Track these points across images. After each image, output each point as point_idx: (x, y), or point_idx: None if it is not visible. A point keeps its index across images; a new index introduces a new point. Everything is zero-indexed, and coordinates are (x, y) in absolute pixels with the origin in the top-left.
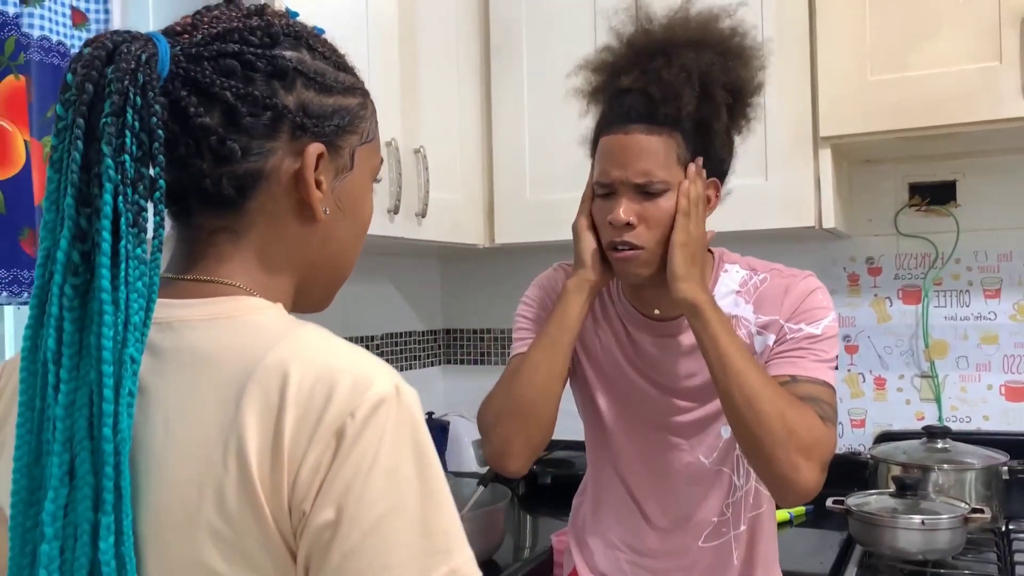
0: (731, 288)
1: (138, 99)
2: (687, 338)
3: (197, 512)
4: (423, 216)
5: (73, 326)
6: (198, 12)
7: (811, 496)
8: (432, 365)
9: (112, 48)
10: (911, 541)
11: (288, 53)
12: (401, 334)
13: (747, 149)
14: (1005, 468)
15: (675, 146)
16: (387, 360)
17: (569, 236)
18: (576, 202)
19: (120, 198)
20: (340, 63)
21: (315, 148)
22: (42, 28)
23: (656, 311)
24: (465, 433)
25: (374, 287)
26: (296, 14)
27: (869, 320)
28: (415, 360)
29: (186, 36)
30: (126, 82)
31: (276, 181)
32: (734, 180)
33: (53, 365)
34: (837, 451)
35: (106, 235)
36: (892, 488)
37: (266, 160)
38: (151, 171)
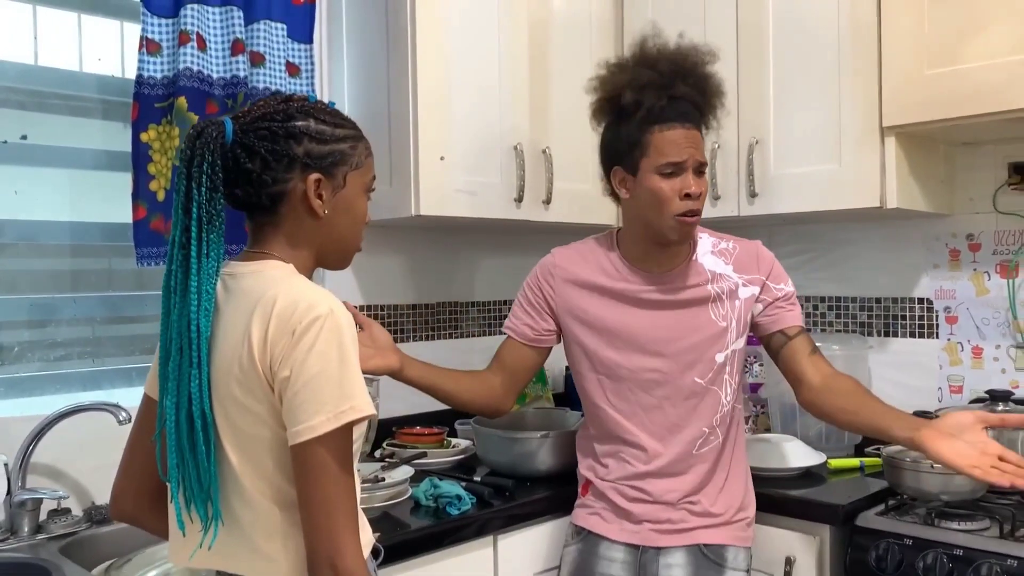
0: (707, 249)
1: (209, 157)
2: (681, 281)
3: (230, 369)
4: (548, 203)
5: (181, 275)
6: (253, 102)
7: None
8: None
9: (200, 129)
10: (932, 483)
11: (299, 123)
12: None
13: (825, 139)
14: None
15: (703, 141)
16: None
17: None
18: None
19: (201, 208)
20: (337, 123)
21: (314, 176)
22: (265, 81)
23: (658, 266)
24: None
25: (535, 259)
26: (314, 97)
27: (968, 293)
28: None
29: (242, 117)
30: (204, 149)
31: (294, 196)
32: (815, 165)
33: (173, 295)
34: (908, 410)
35: (194, 228)
36: None
37: (286, 185)
38: (218, 194)
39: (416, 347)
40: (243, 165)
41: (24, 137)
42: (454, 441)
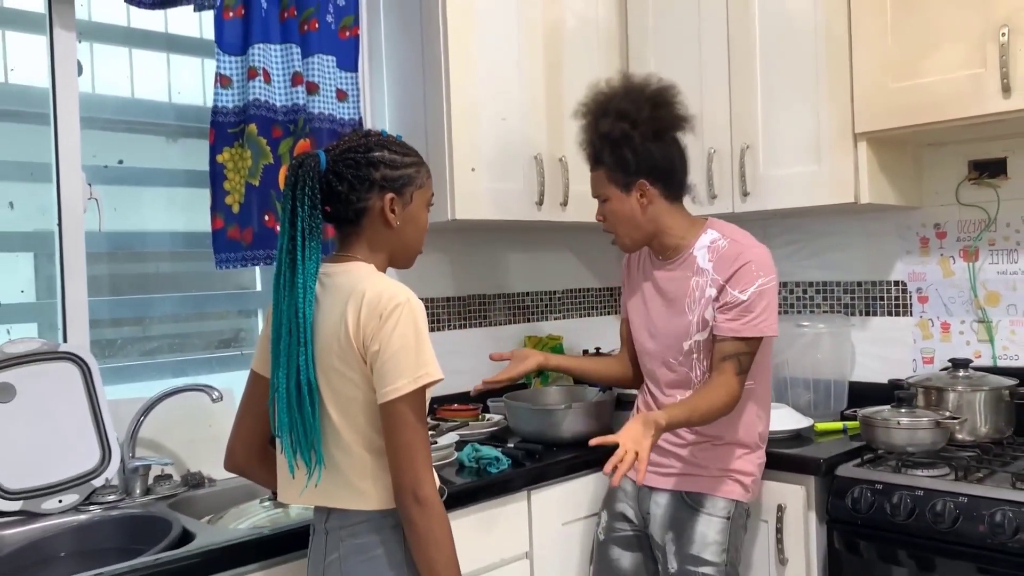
0: (704, 244)
1: (309, 182)
2: (674, 273)
3: (330, 347)
4: (565, 205)
5: (289, 274)
6: (342, 137)
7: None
8: (608, 314)
9: (301, 161)
10: (900, 437)
11: (376, 153)
12: (579, 290)
13: (806, 143)
14: (1007, 392)
15: (604, 174)
16: (566, 311)
17: None
18: None
19: (304, 221)
20: (406, 152)
21: (389, 195)
22: (319, 106)
23: (660, 257)
24: None
25: (556, 254)
26: (386, 132)
27: (936, 275)
28: (592, 310)
29: (332, 150)
30: (305, 176)
31: (374, 211)
32: (799, 167)
33: (282, 290)
34: (886, 379)
35: (299, 238)
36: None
37: (367, 202)
38: (316, 211)
39: (452, 335)
40: (334, 188)
41: (120, 161)
42: (487, 415)
